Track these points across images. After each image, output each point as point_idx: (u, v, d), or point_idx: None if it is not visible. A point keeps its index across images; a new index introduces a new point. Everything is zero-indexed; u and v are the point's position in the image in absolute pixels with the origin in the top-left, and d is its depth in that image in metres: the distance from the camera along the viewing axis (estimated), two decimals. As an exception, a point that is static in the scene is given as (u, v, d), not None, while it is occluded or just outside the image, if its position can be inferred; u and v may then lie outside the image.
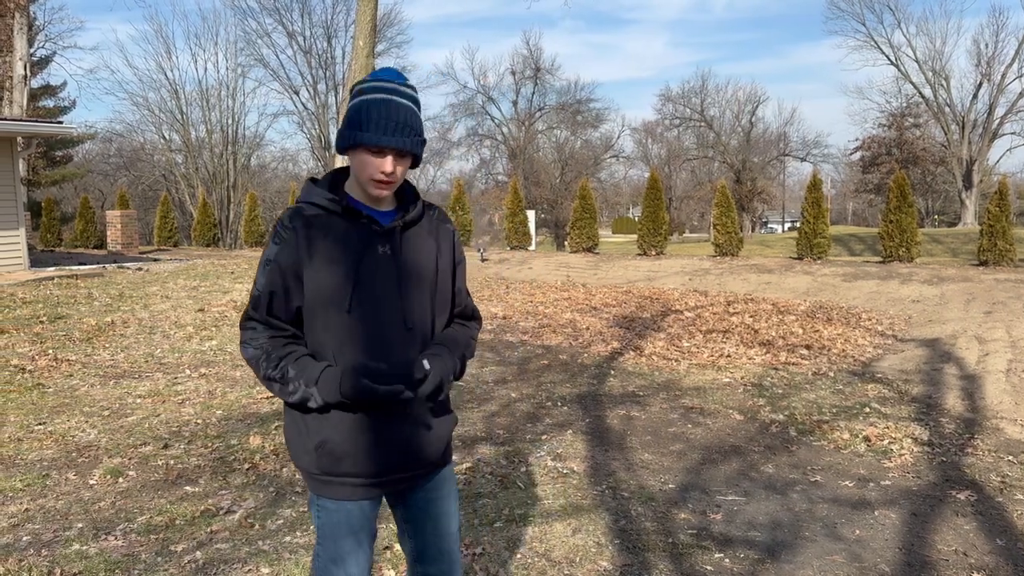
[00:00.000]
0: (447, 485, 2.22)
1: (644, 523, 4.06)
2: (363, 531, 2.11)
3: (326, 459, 2.02)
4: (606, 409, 6.34)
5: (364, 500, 2.08)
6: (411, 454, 2.07)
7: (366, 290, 1.98)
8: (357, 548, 2.10)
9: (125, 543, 3.78)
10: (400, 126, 1.95)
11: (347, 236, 1.99)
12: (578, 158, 52.75)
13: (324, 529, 2.10)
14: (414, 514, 2.19)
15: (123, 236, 20.59)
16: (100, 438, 5.43)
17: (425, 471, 2.14)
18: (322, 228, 1.99)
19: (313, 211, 2.01)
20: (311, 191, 2.05)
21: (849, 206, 73.17)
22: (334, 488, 2.06)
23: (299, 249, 1.97)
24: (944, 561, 3.67)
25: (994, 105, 44.18)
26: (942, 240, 26.55)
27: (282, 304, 2.00)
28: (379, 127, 1.93)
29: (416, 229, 2.10)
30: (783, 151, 56.51)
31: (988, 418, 6.10)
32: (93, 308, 10.46)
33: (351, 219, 2.01)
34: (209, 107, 41.65)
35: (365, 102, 1.97)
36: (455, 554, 2.24)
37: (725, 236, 17.44)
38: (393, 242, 2.04)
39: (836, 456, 5.23)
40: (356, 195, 2.07)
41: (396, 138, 1.94)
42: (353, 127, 1.96)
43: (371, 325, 1.99)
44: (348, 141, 1.98)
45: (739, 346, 8.86)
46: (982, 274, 13.83)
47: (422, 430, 2.08)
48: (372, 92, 1.98)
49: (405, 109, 1.97)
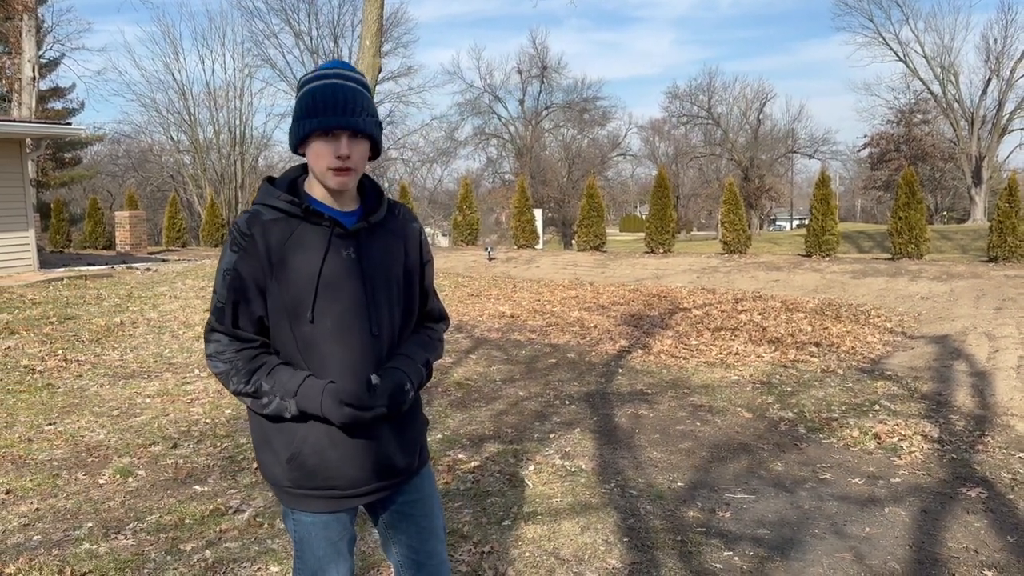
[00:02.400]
0: (426, 486, 2.16)
1: (653, 521, 4.06)
2: (342, 540, 2.05)
3: (298, 472, 1.94)
4: (614, 407, 6.33)
5: (341, 512, 2.02)
6: (386, 464, 2.00)
7: (330, 297, 1.89)
8: (337, 557, 2.04)
9: (135, 542, 3.80)
10: (349, 106, 1.85)
11: (309, 241, 1.89)
12: (585, 156, 52.70)
13: (303, 543, 2.03)
14: (396, 520, 2.13)
15: (132, 237, 20.66)
16: (110, 438, 5.45)
17: (401, 478, 2.08)
18: (282, 233, 1.88)
19: (272, 215, 1.90)
20: (268, 193, 1.93)
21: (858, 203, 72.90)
22: (309, 501, 1.98)
23: (259, 257, 1.87)
24: (955, 559, 3.65)
25: (1003, 101, 43.93)
26: (951, 237, 26.41)
27: (246, 314, 1.91)
28: (326, 109, 1.83)
29: (381, 230, 2.00)
30: (791, 148, 56.32)
31: (998, 415, 6.06)
32: (102, 308, 10.51)
33: (313, 222, 1.90)
34: (217, 108, 41.78)
35: (309, 91, 1.87)
36: (443, 555, 2.18)
37: (733, 234, 17.40)
38: (358, 245, 1.94)
39: (845, 454, 5.21)
40: (317, 195, 1.96)
41: (346, 118, 1.84)
42: (300, 118, 1.87)
43: (336, 334, 1.90)
44: (298, 134, 1.88)
45: (748, 344, 8.83)
46: (992, 270, 13.76)
47: (394, 438, 2.00)
48: (315, 81, 1.89)
49: (352, 91, 1.87)
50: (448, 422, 5.82)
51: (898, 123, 50.94)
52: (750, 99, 56.90)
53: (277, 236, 1.88)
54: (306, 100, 1.86)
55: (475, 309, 11.44)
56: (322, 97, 1.84)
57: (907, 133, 49.83)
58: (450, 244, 23.29)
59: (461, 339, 9.23)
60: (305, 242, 1.88)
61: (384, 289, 1.97)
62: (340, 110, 1.84)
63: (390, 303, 1.99)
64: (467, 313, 11.07)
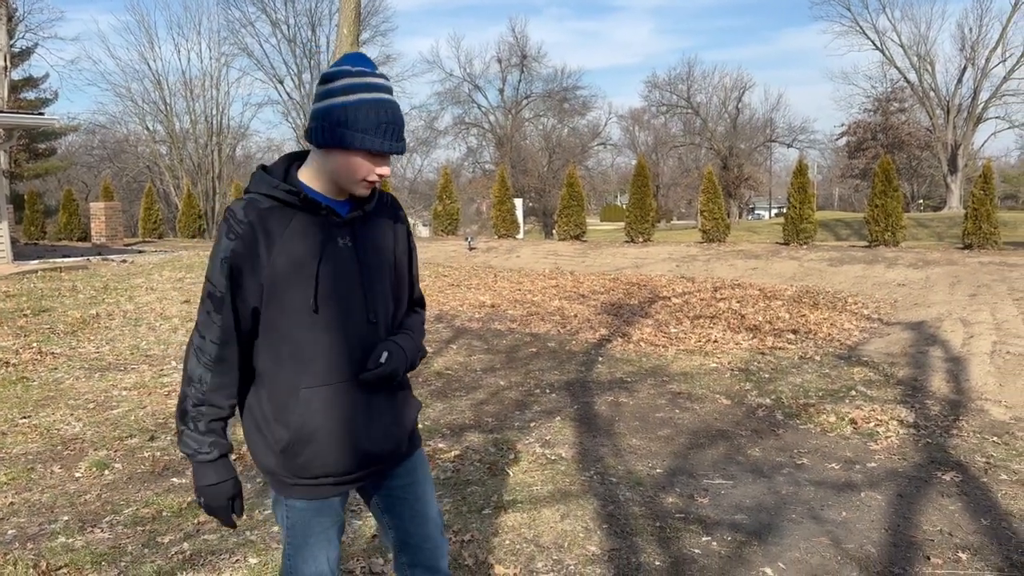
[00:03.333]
0: (420, 470, 2.17)
1: (632, 508, 4.08)
2: (333, 527, 2.07)
3: (293, 461, 1.94)
4: (594, 395, 6.35)
5: (334, 497, 2.04)
6: (379, 447, 2.01)
7: (329, 286, 1.90)
8: (327, 544, 2.06)
9: (111, 535, 3.77)
10: (399, 129, 1.88)
11: (306, 230, 1.89)
12: (565, 146, 52.66)
13: (294, 529, 2.04)
14: (390, 504, 2.15)
15: (107, 228, 20.42)
16: (85, 431, 5.40)
17: (394, 461, 2.10)
18: (279, 222, 1.88)
19: (268, 203, 1.89)
20: (264, 181, 1.92)
21: (835, 192, 73.43)
22: (303, 489, 1.99)
23: (256, 245, 1.86)
24: (930, 541, 3.70)
25: (978, 89, 44.37)
26: (928, 224, 26.69)
27: (241, 303, 1.90)
28: (382, 132, 1.85)
29: (374, 219, 2.03)
30: (770, 137, 56.60)
31: (973, 400, 6.14)
32: (77, 301, 10.39)
33: (310, 211, 1.91)
34: (193, 97, 41.36)
35: (361, 102, 1.84)
36: (438, 539, 2.19)
37: (712, 222, 17.48)
38: (353, 233, 1.96)
39: (822, 439, 5.25)
40: (315, 185, 1.95)
41: (400, 144, 1.89)
42: (351, 127, 1.83)
43: (336, 322, 1.92)
44: (344, 142, 1.85)
45: (726, 331, 8.89)
46: (967, 257, 13.92)
47: (386, 420, 2.01)
48: (373, 90, 1.86)
49: (397, 108, 1.89)
50: (428, 411, 5.81)
51: (875, 112, 51.31)
52: (729, 88, 57.13)
53: (274, 225, 1.87)
54: (358, 112, 1.83)
55: (455, 299, 11.42)
56: (375, 115, 1.84)
57: (884, 122, 50.20)
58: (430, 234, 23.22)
59: (442, 329, 9.21)
60: (303, 231, 1.89)
61: (379, 277, 2.00)
62: (397, 135, 1.88)
63: (384, 290, 2.02)
64: (448, 303, 11.05)
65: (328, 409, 1.92)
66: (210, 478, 1.95)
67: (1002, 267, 12.78)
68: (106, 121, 43.70)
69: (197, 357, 1.92)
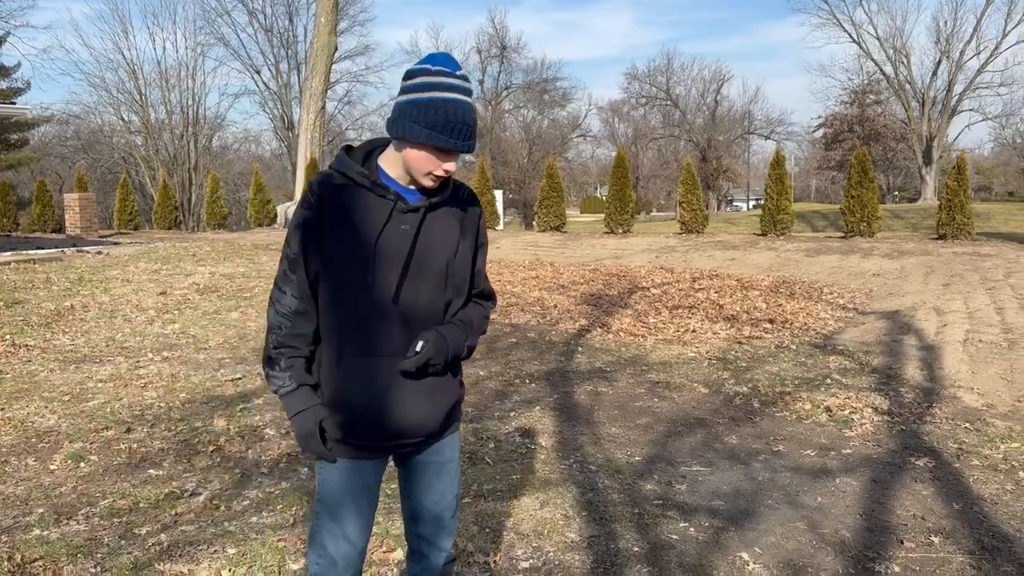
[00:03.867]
0: (448, 451, 2.28)
1: (611, 495, 4.10)
2: (363, 493, 2.19)
3: (329, 421, 2.10)
4: (574, 385, 6.37)
5: (365, 461, 2.16)
6: (410, 423, 2.12)
7: (381, 266, 2.04)
8: (356, 510, 2.18)
9: (87, 527, 3.74)
10: (471, 131, 2.01)
11: (371, 210, 2.05)
12: (545, 137, 52.64)
13: (324, 487, 2.18)
14: (414, 475, 2.27)
15: (82, 220, 20.16)
16: (60, 423, 5.34)
17: (426, 438, 2.20)
18: (349, 197, 2.06)
19: (342, 180, 2.08)
20: (343, 161, 2.11)
21: (812, 183, 73.95)
22: (337, 447, 2.13)
23: (324, 214, 2.05)
24: (903, 526, 3.76)
25: (953, 82, 44.86)
26: (903, 215, 26.97)
27: (311, 265, 2.08)
28: (456, 132, 1.98)
29: (442, 209, 2.13)
30: (748, 129, 56.87)
31: (946, 387, 6.23)
32: (52, 293, 10.26)
33: (378, 193, 2.06)
34: (168, 87, 40.91)
35: (441, 100, 1.97)
36: (447, 520, 2.31)
37: (691, 213, 17.56)
38: (417, 221, 2.08)
39: (798, 426, 5.31)
40: (391, 171, 2.10)
41: (468, 142, 2.01)
42: (420, 124, 1.98)
43: (380, 300, 2.05)
44: (419, 138, 1.99)
45: (704, 321, 8.94)
46: (941, 247, 14.09)
47: (423, 400, 2.12)
48: (442, 91, 1.99)
49: (471, 111, 2.02)
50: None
51: (852, 104, 51.72)
52: (708, 80, 57.30)
53: (343, 199, 2.06)
54: (434, 112, 1.97)
55: (435, 290, 11.38)
56: (453, 116, 1.97)
57: (860, 114, 50.62)
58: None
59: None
60: (368, 211, 2.05)
61: (432, 265, 2.09)
62: (466, 135, 2.01)
63: (436, 279, 2.10)
64: (427, 294, 11.01)
65: (365, 379, 2.07)
66: (295, 407, 2.11)
67: (975, 257, 12.95)
68: (80, 111, 43.11)
69: (276, 308, 2.13)
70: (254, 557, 3.36)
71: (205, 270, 12.13)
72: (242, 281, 11.31)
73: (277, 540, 3.51)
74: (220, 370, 6.74)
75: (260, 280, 11.43)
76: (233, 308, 9.60)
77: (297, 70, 43.35)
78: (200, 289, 10.64)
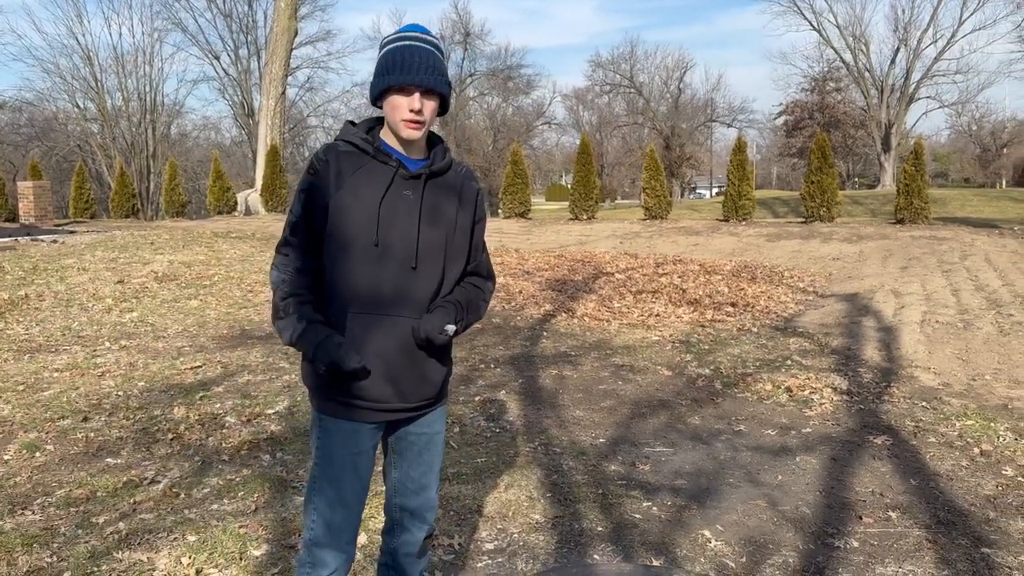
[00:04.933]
0: (437, 423, 2.34)
1: (575, 476, 4.12)
2: (360, 457, 2.20)
3: (332, 378, 2.12)
4: (539, 369, 6.38)
5: (361, 424, 2.18)
6: (408, 390, 2.18)
7: (387, 226, 2.11)
8: (353, 473, 2.20)
9: (43, 517, 3.66)
10: (423, 66, 2.09)
11: (374, 175, 2.14)
12: (510, 125, 52.54)
13: (322, 449, 2.21)
14: (403, 447, 2.31)
15: (36, 208, 19.68)
16: (15, 413, 5.21)
17: (419, 407, 2.25)
18: (353, 164, 2.15)
19: (346, 148, 2.17)
20: (347, 130, 2.21)
21: (774, 171, 74.77)
22: (335, 407, 2.17)
23: (329, 179, 2.13)
24: (862, 502, 3.83)
25: (911, 70, 45.61)
26: (862, 201, 27.38)
27: (312, 227, 2.14)
28: (403, 68, 2.08)
29: (441, 180, 2.22)
30: (710, 117, 57.22)
31: (903, 367, 6.35)
32: (5, 282, 10.01)
33: (381, 160, 2.15)
34: (125, 74, 39.95)
35: (390, 51, 2.12)
36: (432, 493, 2.36)
37: (654, 199, 17.66)
38: (418, 188, 2.16)
39: (759, 407, 5.38)
40: (390, 142, 2.19)
41: (420, 76, 2.08)
42: (380, 75, 2.12)
43: (382, 261, 2.11)
44: (378, 88, 2.13)
45: (668, 305, 9.01)
46: (899, 232, 14.35)
47: (420, 370, 2.19)
48: (396, 42, 2.14)
49: (428, 52, 2.12)
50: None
51: (812, 91, 52.29)
52: (671, 68, 57.50)
53: (347, 165, 2.14)
54: (386, 59, 2.12)
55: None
56: (400, 57, 2.10)
57: (820, 101, 51.21)
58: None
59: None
60: (371, 175, 2.14)
61: (435, 232, 2.17)
62: (416, 69, 2.09)
63: (438, 246, 2.19)
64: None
65: (369, 340, 2.12)
66: (311, 341, 2.10)
67: (932, 241, 13.21)
68: (33, 98, 41.94)
69: (279, 269, 2.17)
70: (215, 544, 3.32)
71: (163, 258, 11.93)
72: (201, 269, 11.14)
73: (239, 527, 3.47)
74: (179, 358, 6.64)
75: (219, 268, 11.26)
76: (192, 296, 9.45)
77: (257, 56, 42.64)
78: (158, 277, 10.46)
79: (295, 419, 4.99)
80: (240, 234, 15.69)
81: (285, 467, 4.24)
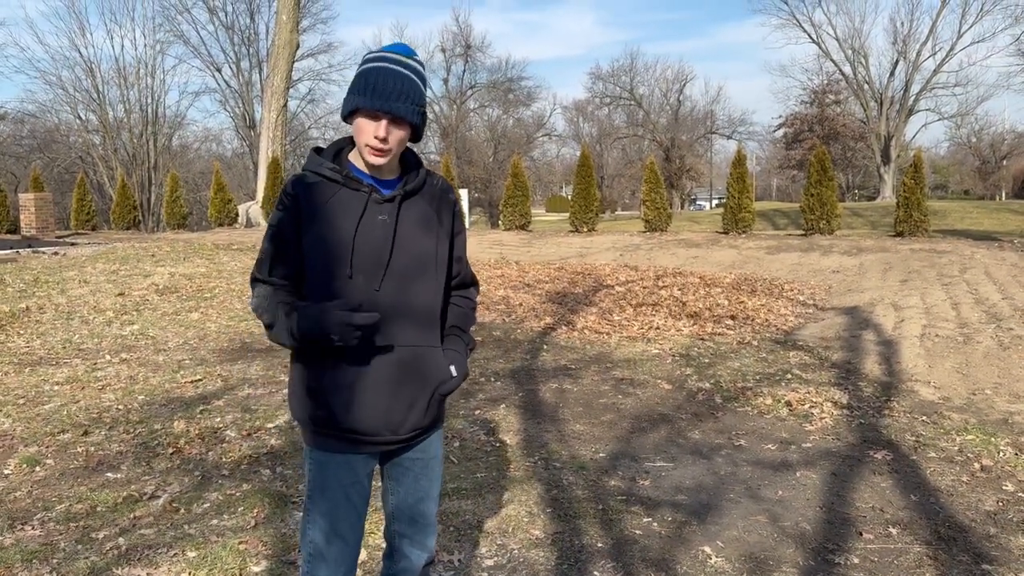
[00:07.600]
0: (433, 448, 2.28)
1: (575, 491, 4.12)
2: (353, 488, 2.15)
3: (322, 411, 2.09)
4: (539, 383, 6.38)
5: (354, 456, 2.13)
6: (403, 419, 2.13)
7: (361, 257, 2.05)
8: (347, 503, 2.15)
9: (43, 532, 3.66)
10: (395, 92, 1.99)
11: (347, 204, 2.06)
12: (511, 137, 52.66)
13: (314, 483, 2.16)
14: (399, 473, 2.26)
15: (38, 220, 19.71)
16: (15, 427, 5.22)
17: (415, 435, 2.20)
18: (323, 194, 2.07)
19: (315, 179, 2.10)
20: (313, 160, 2.13)
21: (773, 183, 74.88)
22: (327, 441, 2.12)
23: (300, 214, 2.07)
24: (862, 518, 3.82)
25: (910, 82, 45.74)
26: (862, 213, 27.41)
27: (283, 265, 2.11)
28: (374, 92, 1.99)
29: (416, 198, 2.16)
30: (710, 129, 57.40)
31: (904, 381, 6.35)
32: (6, 294, 10.02)
33: (352, 187, 2.08)
34: (127, 86, 40.05)
35: (365, 70, 2.03)
36: (431, 518, 2.31)
37: (654, 212, 17.68)
38: (394, 211, 2.10)
39: (759, 421, 5.38)
40: (359, 164, 2.12)
41: (390, 102, 1.99)
42: (351, 93, 2.03)
43: (361, 291, 2.05)
44: (347, 107, 2.05)
45: (668, 318, 9.01)
46: (899, 244, 14.36)
47: (415, 396, 2.14)
48: (374, 61, 2.05)
49: (403, 78, 2.02)
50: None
51: (811, 104, 52.42)
52: (670, 80, 57.78)
53: (318, 198, 2.07)
54: (360, 78, 2.03)
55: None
56: (373, 79, 2.00)
57: (820, 113, 51.32)
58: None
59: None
60: (344, 205, 2.07)
61: (412, 253, 2.12)
62: (386, 95, 1.99)
63: (418, 268, 2.13)
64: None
65: (353, 372, 2.06)
66: (310, 320, 2.01)
67: (932, 254, 13.22)
68: (35, 110, 42.06)
69: (257, 299, 2.13)
70: (215, 560, 3.32)
71: (164, 270, 11.94)
72: (202, 281, 11.15)
73: (238, 542, 3.47)
74: (179, 372, 6.64)
75: (220, 280, 11.27)
76: (193, 309, 9.46)
77: (259, 68, 42.81)
78: (159, 290, 10.47)
79: (295, 433, 4.99)
80: (241, 246, 15.70)
81: (285, 482, 4.24)
